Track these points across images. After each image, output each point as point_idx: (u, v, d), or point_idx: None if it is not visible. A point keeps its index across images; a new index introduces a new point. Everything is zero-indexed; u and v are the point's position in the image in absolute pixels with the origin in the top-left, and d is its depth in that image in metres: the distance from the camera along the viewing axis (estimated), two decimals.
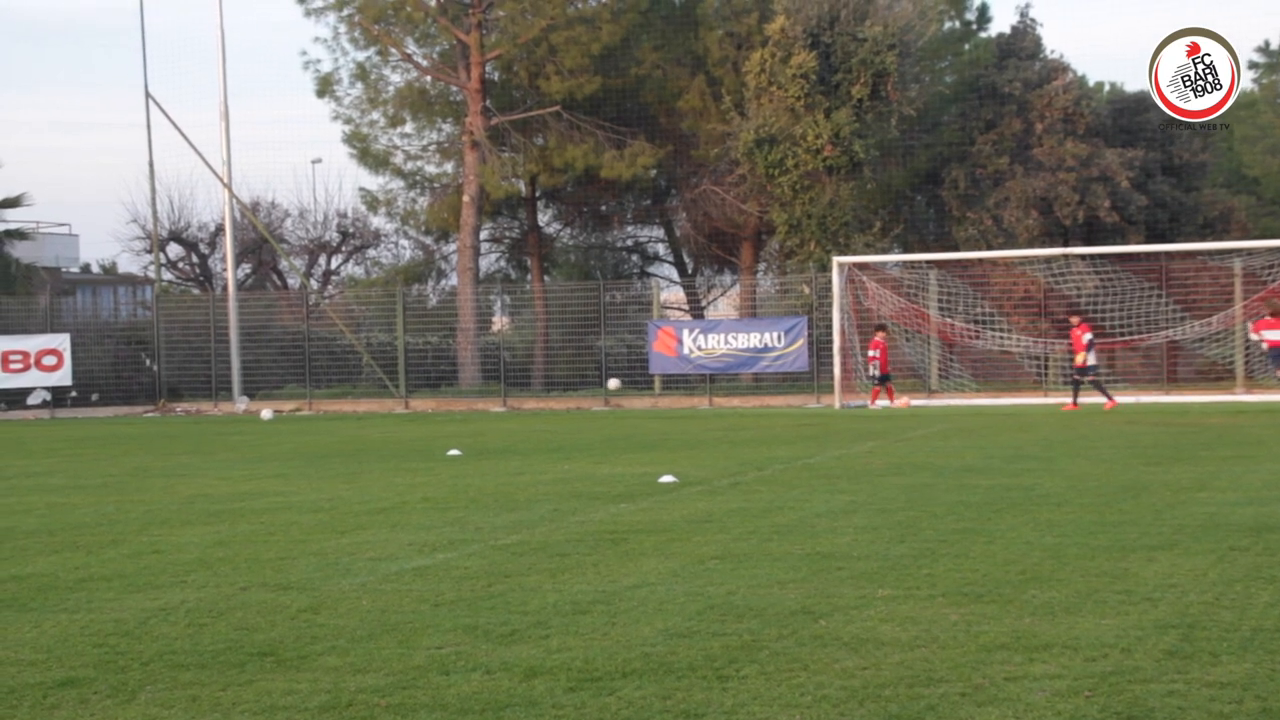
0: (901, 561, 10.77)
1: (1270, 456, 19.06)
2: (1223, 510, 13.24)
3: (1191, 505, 13.72)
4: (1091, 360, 34.34)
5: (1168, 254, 40.04)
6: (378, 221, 58.05)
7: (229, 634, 8.73)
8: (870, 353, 37.32)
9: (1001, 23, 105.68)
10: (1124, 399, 35.57)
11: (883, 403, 36.55)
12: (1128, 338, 39.32)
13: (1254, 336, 34.33)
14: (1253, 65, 58.56)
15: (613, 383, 41.02)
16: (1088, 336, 34.31)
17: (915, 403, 36.98)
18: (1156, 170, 46.15)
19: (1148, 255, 40.13)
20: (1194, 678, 7.06)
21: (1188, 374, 41.29)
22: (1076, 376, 34.59)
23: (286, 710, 6.95)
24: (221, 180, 47.09)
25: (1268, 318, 33.76)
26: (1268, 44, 53.75)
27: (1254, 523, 12.27)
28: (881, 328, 37.84)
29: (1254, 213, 49.67)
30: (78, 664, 8.05)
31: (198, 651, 8.25)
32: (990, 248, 43.16)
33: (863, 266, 40.10)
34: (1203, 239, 43.78)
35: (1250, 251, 38.92)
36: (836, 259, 39.28)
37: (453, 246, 52.54)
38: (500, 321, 51.61)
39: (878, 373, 37.06)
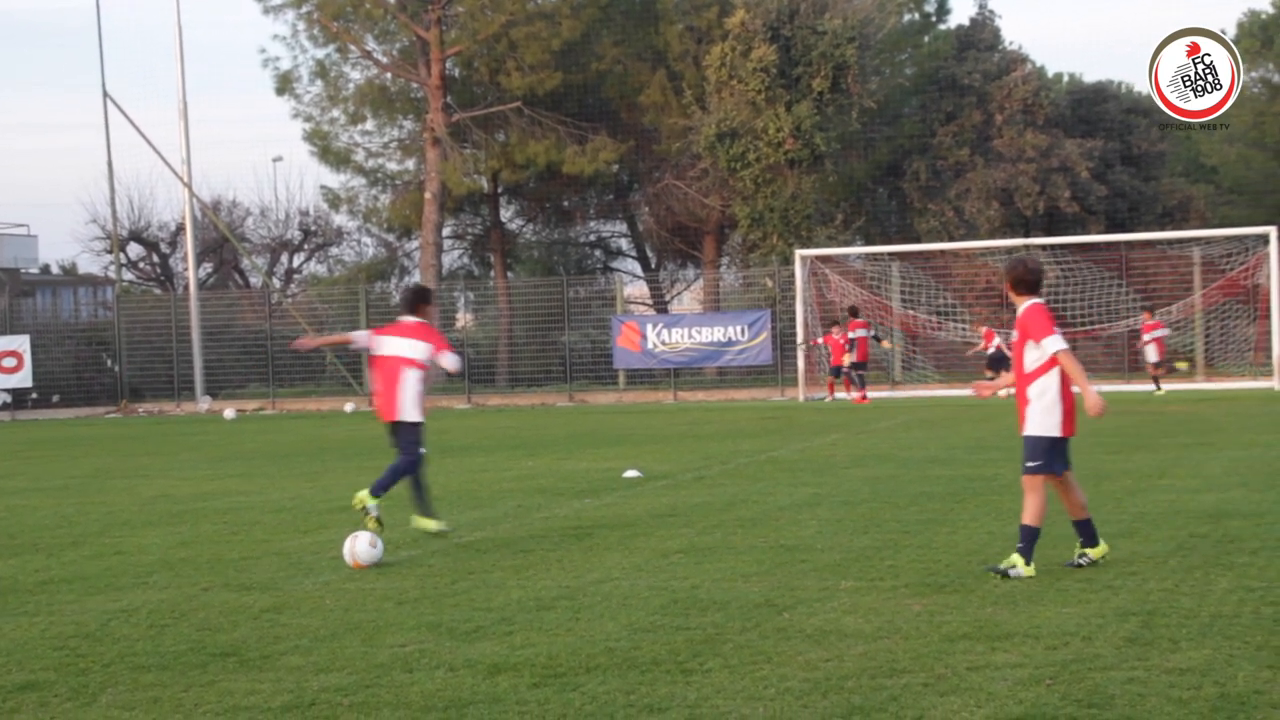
0: (865, 553, 10.81)
1: (1230, 444, 19.19)
2: (1183, 498, 13.33)
3: (1152, 493, 13.81)
4: (850, 360, 35.34)
5: (1128, 243, 40.28)
6: (340, 219, 57.95)
7: (191, 635, 8.69)
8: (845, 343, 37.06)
9: (960, 14, 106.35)
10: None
11: (841, 395, 36.53)
12: (1089, 327, 39.51)
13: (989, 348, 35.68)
14: None
15: None
16: (854, 334, 35.35)
17: (874, 395, 37.02)
18: (1116, 160, 46.42)
19: (1108, 245, 40.35)
20: (1154, 664, 7.11)
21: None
22: (859, 373, 35.66)
23: (249, 711, 6.93)
24: (181, 179, 46.83)
25: (987, 329, 35.68)
26: (1224, 33, 54.11)
27: (1214, 510, 12.36)
28: (835, 322, 37.83)
29: (1212, 201, 50.03)
30: (38, 667, 8.00)
31: (159, 653, 8.21)
32: (952, 239, 43.33)
33: (825, 259, 40.19)
34: (1162, 228, 44.05)
35: (1209, 240, 39.17)
36: (799, 252, 39.35)
37: (415, 244, 52.44)
38: (464, 318, 51.53)
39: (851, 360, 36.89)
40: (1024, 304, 9.96)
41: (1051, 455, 9.88)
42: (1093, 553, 9.92)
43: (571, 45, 46.28)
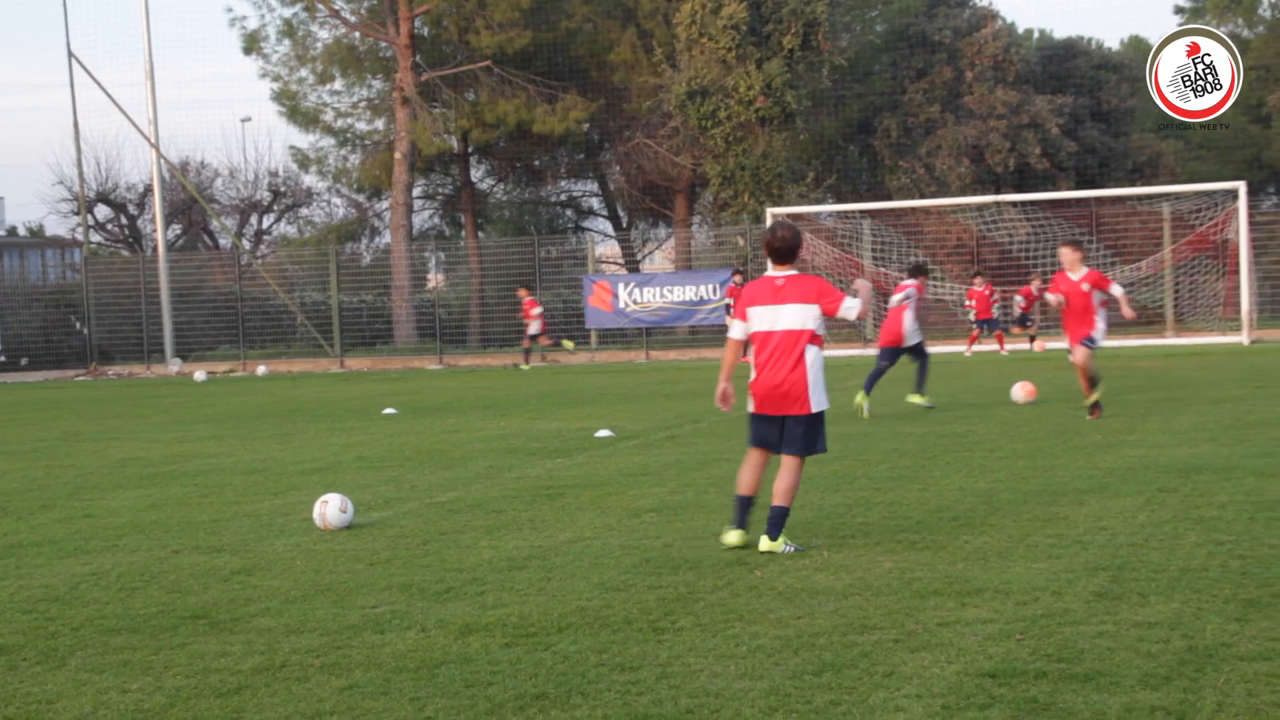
0: (836, 511, 10.83)
1: (1199, 399, 19.29)
2: (1152, 453, 13.39)
3: (1121, 448, 13.87)
4: (535, 329, 37.48)
5: (1097, 199, 40.37)
6: (309, 180, 57.70)
7: (161, 597, 8.65)
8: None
9: None
10: (1055, 345, 35.82)
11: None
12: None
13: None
14: (1179, 10, 58.98)
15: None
16: (536, 310, 37.45)
17: (849, 353, 37.07)
18: (1086, 116, 46.50)
19: (1078, 201, 40.45)
20: (1123, 618, 7.14)
21: (1118, 318, 41.67)
22: (528, 344, 37.70)
23: (220, 673, 6.91)
24: (148, 140, 46.50)
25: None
26: None
27: (1182, 465, 12.41)
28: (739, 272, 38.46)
29: (1182, 157, 50.18)
30: (6, 631, 7.95)
31: (129, 616, 8.18)
32: (923, 196, 43.36)
33: (797, 217, 40.15)
34: (1132, 184, 44.20)
35: (1178, 196, 39.29)
36: (770, 210, 39.32)
37: (386, 204, 52.26)
38: (435, 279, 51.41)
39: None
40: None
41: (750, 429, 9.73)
42: (727, 538, 9.44)
43: (541, 3, 46.08)
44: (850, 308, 9.42)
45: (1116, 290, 17.30)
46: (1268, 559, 8.39)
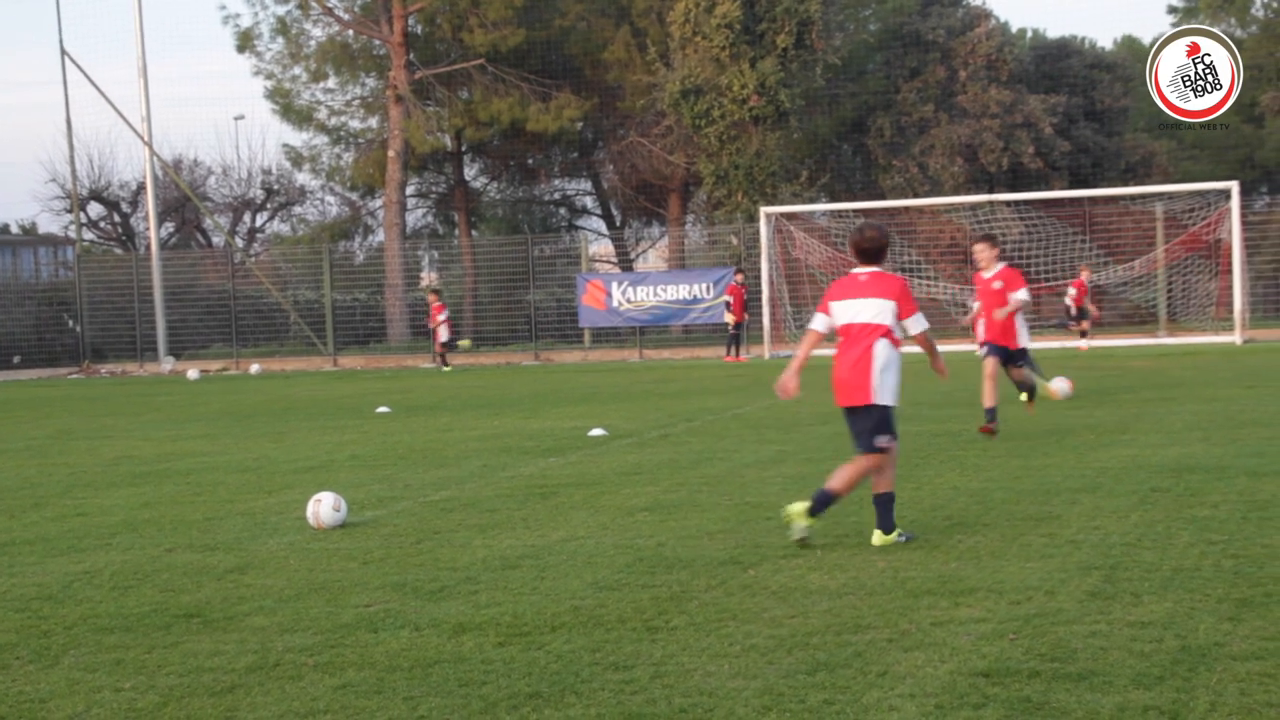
0: (829, 510, 10.81)
1: (1192, 398, 19.30)
2: (1145, 452, 13.40)
3: (1114, 448, 13.87)
4: (445, 335, 38.06)
5: (1091, 199, 40.41)
6: (302, 178, 57.66)
7: (155, 596, 8.64)
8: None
9: None
10: (1049, 344, 35.85)
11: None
12: (1052, 283, 39.65)
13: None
14: (1172, 10, 59.04)
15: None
16: (442, 315, 38.06)
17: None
18: (1079, 115, 46.55)
19: (1071, 201, 40.49)
20: (1116, 618, 7.15)
21: (1112, 318, 41.79)
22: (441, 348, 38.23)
23: (213, 671, 6.90)
24: (142, 138, 46.43)
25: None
26: None
27: (1175, 464, 12.42)
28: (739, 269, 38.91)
29: (1175, 157, 50.24)
30: None
31: (123, 615, 8.16)
32: (916, 195, 43.38)
33: (790, 216, 40.17)
34: (1125, 183, 44.23)
35: (1171, 195, 39.34)
36: (764, 209, 39.33)
37: (379, 202, 52.20)
38: (428, 277, 51.38)
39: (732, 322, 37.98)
40: None
41: None
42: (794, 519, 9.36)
43: (534, 1, 46.07)
44: (918, 321, 9.63)
45: (1022, 295, 15.92)
46: (1260, 558, 8.40)
